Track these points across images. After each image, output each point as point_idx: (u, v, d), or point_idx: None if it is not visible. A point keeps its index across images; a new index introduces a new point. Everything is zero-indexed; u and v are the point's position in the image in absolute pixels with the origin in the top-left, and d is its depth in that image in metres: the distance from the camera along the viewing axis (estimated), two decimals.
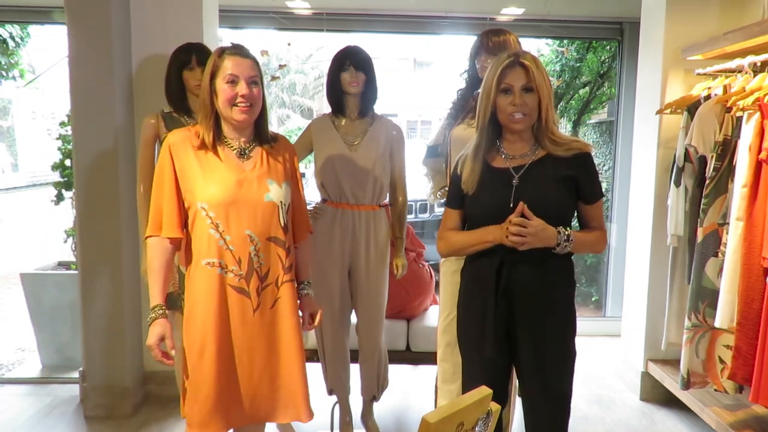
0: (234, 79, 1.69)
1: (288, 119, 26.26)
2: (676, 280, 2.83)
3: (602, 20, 4.37)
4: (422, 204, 5.56)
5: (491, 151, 1.81)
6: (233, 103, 1.70)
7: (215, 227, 1.70)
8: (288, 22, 4.30)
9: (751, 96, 2.31)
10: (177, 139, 1.75)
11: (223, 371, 1.74)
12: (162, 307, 1.72)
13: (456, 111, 2.44)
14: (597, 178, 1.79)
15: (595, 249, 1.83)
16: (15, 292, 5.59)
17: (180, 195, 1.74)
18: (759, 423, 2.49)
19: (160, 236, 1.73)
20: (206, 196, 1.70)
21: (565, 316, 1.80)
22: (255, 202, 1.74)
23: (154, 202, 1.74)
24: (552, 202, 1.72)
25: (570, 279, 1.82)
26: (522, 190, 1.73)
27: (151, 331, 1.70)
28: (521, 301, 1.75)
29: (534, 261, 1.71)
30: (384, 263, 2.57)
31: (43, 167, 8.87)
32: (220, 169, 1.73)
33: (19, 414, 3.01)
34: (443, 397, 2.51)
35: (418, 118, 26.76)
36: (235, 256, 1.72)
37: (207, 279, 1.72)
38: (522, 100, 1.71)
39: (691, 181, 2.68)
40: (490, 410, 1.25)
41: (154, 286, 1.73)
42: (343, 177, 2.48)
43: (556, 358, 1.78)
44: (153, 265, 1.73)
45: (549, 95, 1.73)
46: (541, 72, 1.71)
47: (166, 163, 1.73)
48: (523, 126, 1.74)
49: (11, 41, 6.74)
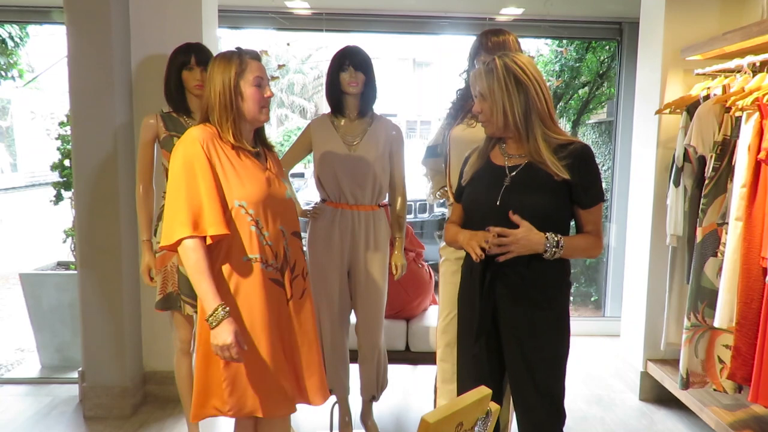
0: (261, 82, 1.75)
1: (287, 119, 26.28)
2: (676, 279, 2.84)
3: (601, 20, 4.37)
4: (422, 204, 5.57)
5: (495, 147, 1.83)
6: (262, 105, 1.77)
7: (255, 224, 1.74)
8: (287, 22, 4.30)
9: (750, 96, 2.31)
10: (206, 135, 1.71)
11: (276, 358, 1.78)
12: (224, 306, 1.65)
13: (455, 111, 2.44)
14: (595, 181, 1.74)
15: (588, 254, 1.79)
16: (14, 293, 5.58)
17: (221, 190, 1.70)
18: (758, 423, 2.49)
19: (198, 236, 1.64)
20: (245, 193, 1.72)
21: (555, 317, 1.78)
22: (281, 198, 1.82)
23: (189, 200, 1.65)
24: (539, 206, 1.69)
25: (560, 280, 1.79)
26: (511, 190, 1.73)
27: (222, 330, 1.62)
28: (504, 299, 1.76)
29: (521, 261, 1.70)
30: (383, 263, 2.57)
31: (42, 167, 8.87)
32: (249, 167, 1.76)
33: (19, 414, 3.01)
34: (443, 397, 2.51)
35: (417, 118, 26.74)
36: (273, 251, 1.78)
37: (253, 274, 1.74)
38: (479, 107, 1.75)
39: (691, 181, 2.68)
40: (490, 410, 1.25)
41: (209, 288, 1.64)
42: (342, 177, 2.48)
43: (541, 359, 1.77)
44: (200, 266, 1.64)
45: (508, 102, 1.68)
46: (496, 79, 1.68)
47: (200, 159, 1.67)
48: (489, 130, 1.78)
49: (10, 41, 6.74)
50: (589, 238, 1.77)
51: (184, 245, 1.65)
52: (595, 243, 1.77)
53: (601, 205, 1.78)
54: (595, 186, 1.75)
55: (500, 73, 1.69)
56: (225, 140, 1.73)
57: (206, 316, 1.64)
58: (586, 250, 1.77)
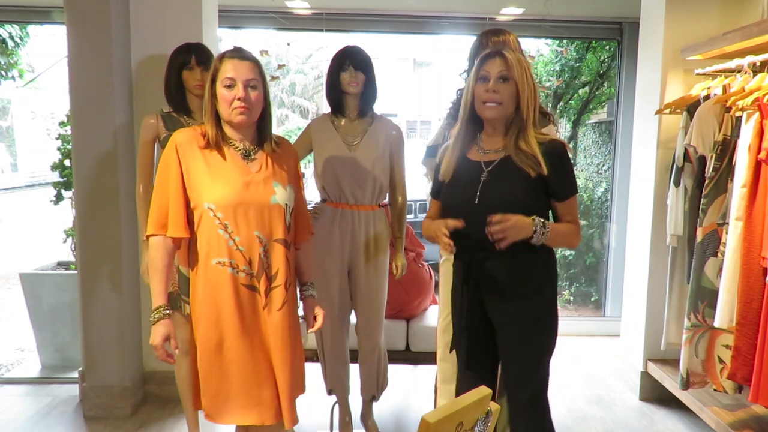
0: (231, 83, 1.71)
1: (287, 119, 26.28)
2: (676, 279, 2.84)
3: (602, 20, 4.37)
4: (422, 204, 5.57)
5: (471, 144, 1.85)
6: (233, 107, 1.72)
7: (224, 228, 1.72)
8: (287, 22, 4.30)
9: (750, 96, 2.31)
10: (184, 138, 1.76)
11: (244, 364, 1.76)
12: (166, 307, 1.72)
13: (455, 111, 2.44)
14: (569, 174, 1.80)
15: (570, 242, 1.83)
16: (15, 292, 5.59)
17: (186, 194, 1.73)
18: (758, 423, 2.49)
19: (163, 235, 1.72)
20: (214, 196, 1.71)
21: (538, 312, 1.81)
22: (262, 203, 1.75)
23: (158, 201, 1.73)
24: (517, 199, 1.73)
25: (544, 273, 1.83)
26: (488, 185, 1.76)
27: (155, 330, 1.71)
28: (488, 293, 1.81)
29: (504, 255, 1.73)
30: (383, 263, 2.57)
31: (43, 167, 8.87)
32: (227, 169, 1.74)
33: (19, 414, 3.01)
34: (443, 397, 2.51)
35: (417, 118, 26.76)
36: (246, 257, 1.74)
37: (219, 277, 1.73)
38: (496, 87, 1.74)
39: (691, 181, 2.68)
40: (490, 410, 1.25)
41: (158, 286, 1.72)
42: (342, 177, 2.48)
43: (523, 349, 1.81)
44: (156, 264, 1.73)
45: (529, 90, 1.74)
46: (522, 67, 1.73)
47: (173, 162, 1.73)
48: (493, 114, 1.76)
49: (10, 41, 6.74)
50: (570, 225, 1.81)
51: (150, 242, 1.74)
52: (575, 231, 1.82)
53: (576, 197, 1.83)
54: (568, 177, 1.80)
55: (523, 60, 1.74)
56: (210, 140, 1.75)
57: (150, 311, 1.73)
58: (569, 236, 1.81)
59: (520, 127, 1.75)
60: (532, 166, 1.73)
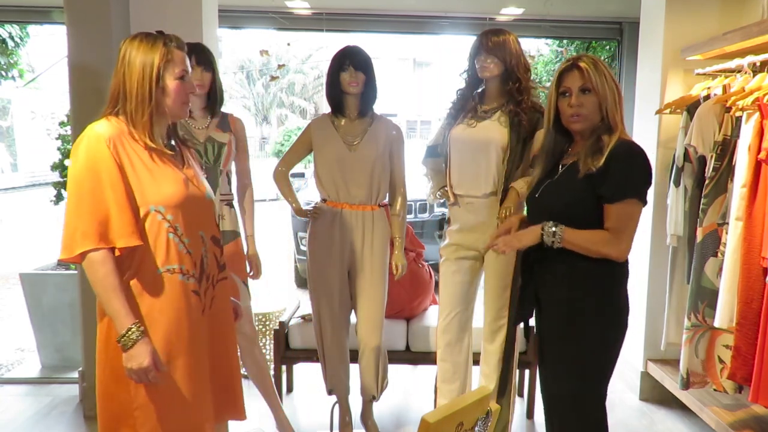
0: (186, 76, 1.58)
1: (287, 119, 26.29)
2: (676, 279, 2.84)
3: (602, 20, 4.38)
4: (422, 204, 5.56)
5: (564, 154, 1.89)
6: (185, 101, 1.59)
7: (174, 231, 1.53)
8: (288, 22, 4.30)
9: (750, 96, 2.31)
10: (113, 132, 1.49)
11: (195, 376, 1.60)
12: (138, 325, 1.47)
13: (456, 111, 2.45)
14: (620, 175, 1.66)
15: (598, 249, 1.69)
16: (15, 292, 5.58)
17: (132, 196, 1.49)
18: (758, 423, 2.49)
19: (106, 248, 1.45)
20: (161, 197, 1.51)
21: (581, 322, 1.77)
22: (200, 200, 1.61)
23: (93, 208, 1.44)
24: (562, 200, 1.77)
25: (593, 282, 1.76)
26: (551, 183, 1.82)
27: (138, 352, 1.46)
28: (543, 288, 1.85)
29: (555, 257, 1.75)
30: (383, 263, 2.57)
31: (43, 167, 8.86)
32: (165, 167, 1.55)
33: (19, 414, 3.01)
34: (443, 397, 2.52)
35: (417, 118, 26.74)
36: (193, 260, 1.58)
37: (169, 287, 1.53)
38: (579, 101, 1.73)
39: (691, 181, 2.68)
40: (490, 410, 1.25)
41: (121, 307, 1.46)
42: (342, 177, 2.48)
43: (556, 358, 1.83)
44: (109, 282, 1.45)
45: (611, 97, 1.71)
46: (601, 73, 1.71)
47: (107, 161, 1.46)
48: (580, 127, 1.76)
49: (10, 41, 6.75)
50: (600, 232, 1.70)
51: (90, 258, 1.44)
52: (606, 238, 1.68)
53: (628, 204, 1.68)
54: (621, 178, 1.67)
55: (605, 68, 1.73)
56: (138, 138, 1.51)
57: (118, 336, 1.46)
58: (595, 243, 1.69)
59: (604, 131, 1.73)
60: (594, 164, 1.69)
